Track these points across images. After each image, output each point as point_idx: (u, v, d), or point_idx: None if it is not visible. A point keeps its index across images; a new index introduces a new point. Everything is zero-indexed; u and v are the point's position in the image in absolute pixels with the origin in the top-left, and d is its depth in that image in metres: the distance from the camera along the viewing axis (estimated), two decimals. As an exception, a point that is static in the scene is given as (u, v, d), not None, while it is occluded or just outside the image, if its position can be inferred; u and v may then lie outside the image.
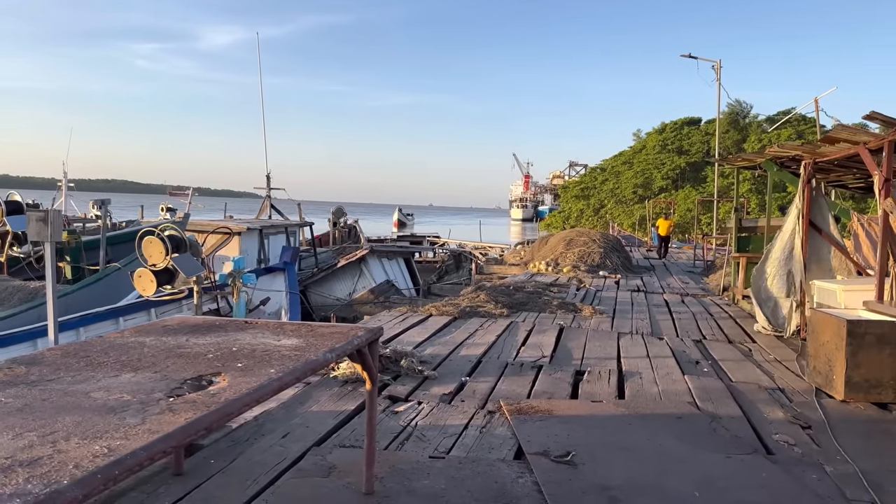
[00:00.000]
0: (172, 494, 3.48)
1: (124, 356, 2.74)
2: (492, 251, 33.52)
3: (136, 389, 2.27)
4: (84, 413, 2.01)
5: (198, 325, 3.49)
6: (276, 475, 3.76)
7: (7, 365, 2.56)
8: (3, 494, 1.44)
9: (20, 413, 2.01)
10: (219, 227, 15.23)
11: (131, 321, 10.47)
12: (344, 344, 3.12)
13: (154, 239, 9.55)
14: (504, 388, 5.75)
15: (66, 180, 23.23)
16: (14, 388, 2.26)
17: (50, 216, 5.89)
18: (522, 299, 10.66)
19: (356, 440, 4.38)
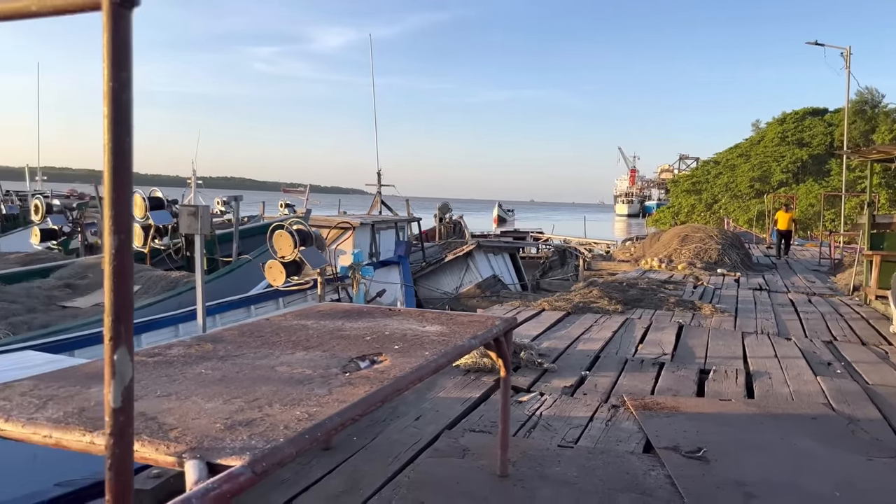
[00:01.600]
0: (324, 466, 3.77)
1: (293, 336, 3.02)
2: (597, 247, 32.97)
3: (314, 365, 2.52)
4: (276, 384, 2.27)
5: (348, 311, 3.76)
6: (415, 454, 3.99)
7: (196, 342, 2.89)
8: (235, 447, 1.68)
9: (221, 383, 2.29)
10: (339, 222, 15.91)
11: (261, 310, 11.17)
12: (485, 332, 3.28)
13: (284, 233, 10.16)
14: (626, 383, 5.75)
15: (196, 178, 24.89)
16: (209, 361, 2.57)
17: (200, 211, 6.44)
18: (637, 296, 10.51)
19: (484, 426, 4.55)
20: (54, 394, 2.06)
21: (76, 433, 1.74)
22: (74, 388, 2.12)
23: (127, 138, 1.20)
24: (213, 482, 1.46)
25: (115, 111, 1.17)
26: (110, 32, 1.16)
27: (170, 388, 2.17)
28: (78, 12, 1.25)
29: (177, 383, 2.24)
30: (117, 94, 1.17)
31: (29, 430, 1.79)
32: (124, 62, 1.18)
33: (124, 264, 1.20)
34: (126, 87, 1.18)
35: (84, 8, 1.23)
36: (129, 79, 1.19)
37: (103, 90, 1.17)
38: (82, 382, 2.20)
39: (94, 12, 1.23)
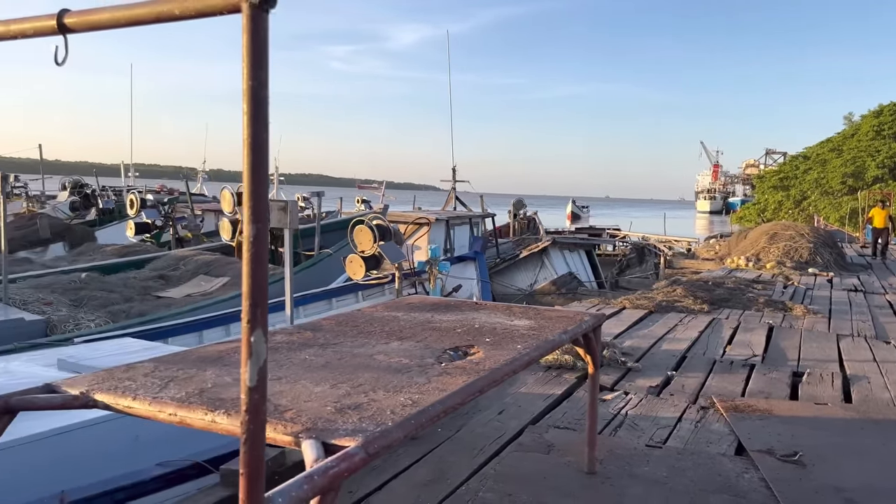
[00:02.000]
0: (410, 455, 3.86)
1: (387, 327, 3.10)
2: (678, 245, 32.09)
3: (410, 355, 2.59)
4: (377, 371, 2.34)
5: (436, 304, 3.83)
6: (499, 447, 4.02)
7: (297, 330, 3.01)
8: (347, 429, 1.75)
9: (325, 368, 2.38)
10: (417, 218, 16.11)
11: (342, 303, 11.44)
12: (574, 327, 3.28)
13: (364, 228, 10.38)
14: (714, 384, 5.60)
15: (278, 174, 25.73)
16: (311, 348, 2.67)
17: (289, 206, 6.65)
18: (724, 295, 10.19)
19: (568, 422, 4.53)
20: (174, 375, 2.19)
21: (199, 412, 1.86)
22: (192, 371, 2.25)
23: (264, 134, 1.27)
24: (332, 461, 1.53)
25: (254, 108, 1.25)
26: (249, 33, 1.24)
27: (279, 372, 2.27)
28: (217, 14, 1.33)
29: (284, 368, 2.34)
30: (256, 92, 1.25)
31: (155, 408, 1.92)
32: (262, 61, 1.26)
33: (261, 252, 1.28)
34: (264, 85, 1.26)
35: (223, 10, 1.31)
36: (267, 77, 1.27)
37: (243, 88, 1.25)
38: (197, 365, 2.34)
39: (234, 14, 1.31)
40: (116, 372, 2.23)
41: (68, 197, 24.75)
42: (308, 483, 1.45)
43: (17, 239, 15.68)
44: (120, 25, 1.42)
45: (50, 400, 1.98)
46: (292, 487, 1.42)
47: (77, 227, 19.44)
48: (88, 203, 23.94)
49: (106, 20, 1.41)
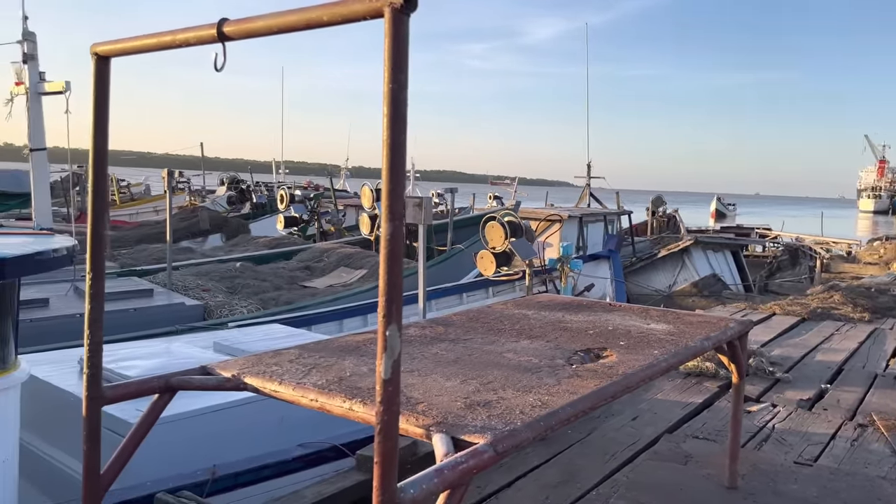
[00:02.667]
0: (539, 456, 3.83)
1: (517, 325, 3.09)
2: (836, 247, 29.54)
3: (539, 354, 2.56)
4: (506, 369, 2.34)
5: (567, 303, 3.77)
6: (633, 454, 3.90)
7: (429, 324, 3.08)
8: (476, 426, 1.77)
9: (456, 364, 2.41)
10: (548, 214, 15.96)
11: (472, 298, 11.55)
12: (718, 333, 3.10)
13: (496, 224, 10.42)
14: (875, 400, 5.10)
15: (415, 171, 26.41)
16: (443, 343, 2.72)
17: (424, 202, 6.81)
18: (889, 303, 9.25)
19: (708, 433, 4.31)
20: (316, 363, 2.31)
21: (338, 399, 1.95)
22: (332, 359, 2.37)
23: (402, 136, 1.30)
24: (462, 456, 1.55)
25: (394, 110, 1.28)
26: (391, 37, 1.27)
27: (412, 364, 2.33)
28: (362, 19, 1.38)
29: (416, 361, 2.40)
30: (395, 95, 1.28)
31: (298, 393, 2.04)
32: (402, 64, 1.29)
33: (397, 249, 1.31)
34: (403, 87, 1.29)
35: (367, 15, 1.35)
36: (407, 80, 1.29)
37: (383, 91, 1.28)
38: (337, 354, 2.45)
39: (377, 19, 1.35)
40: (265, 357, 2.39)
41: (226, 192, 26.83)
42: (438, 477, 1.47)
43: (180, 230, 17.22)
44: (273, 32, 1.50)
45: (205, 381, 2.15)
46: (423, 480, 1.45)
47: (233, 220, 21.01)
48: (243, 198, 25.82)
49: (261, 28, 1.51)
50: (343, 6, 1.36)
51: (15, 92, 5.01)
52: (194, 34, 1.61)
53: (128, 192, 30.11)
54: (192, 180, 29.36)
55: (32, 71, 4.95)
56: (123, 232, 18.46)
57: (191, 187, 28.01)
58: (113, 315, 8.96)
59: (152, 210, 24.89)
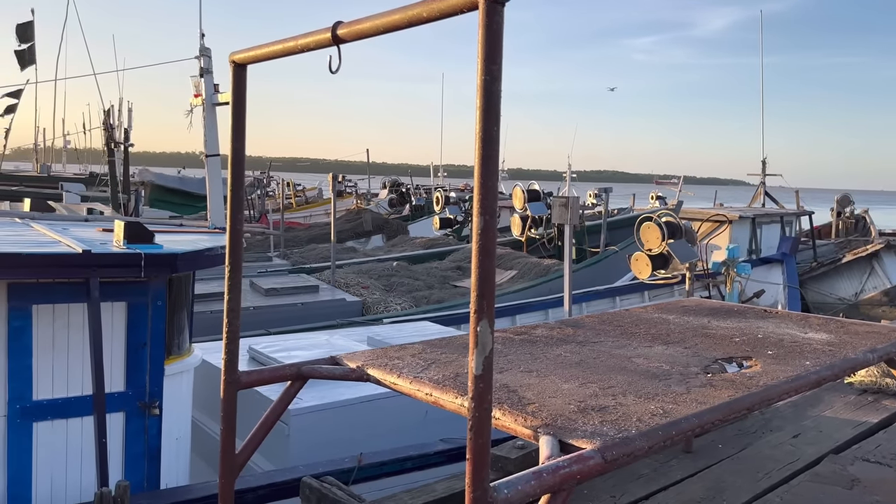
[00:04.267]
0: (683, 469, 3.61)
1: (653, 329, 2.94)
2: None
3: (672, 361, 2.42)
4: (631, 375, 2.23)
5: (715, 308, 3.52)
6: (790, 474, 3.56)
7: (558, 325, 3.01)
8: (586, 430, 1.70)
9: (578, 366, 2.34)
10: (712, 215, 15.05)
11: (625, 301, 11.17)
12: (887, 345, 2.75)
13: (652, 225, 9.99)
14: None
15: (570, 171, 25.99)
16: (568, 345, 2.65)
17: (570, 202, 6.70)
18: None
19: (882, 457, 3.83)
20: (437, 358, 2.34)
21: (450, 395, 1.96)
22: (453, 356, 2.38)
23: (495, 127, 1.28)
24: (564, 461, 1.50)
25: (486, 102, 1.26)
26: (484, 28, 1.26)
27: (532, 365, 2.29)
28: (458, 13, 1.37)
29: (538, 361, 2.36)
30: (488, 86, 1.26)
31: (415, 386, 2.07)
32: (495, 56, 1.27)
33: (489, 243, 1.29)
34: (496, 79, 1.27)
35: (463, 9, 1.35)
36: (500, 71, 1.27)
37: (477, 83, 1.27)
38: (459, 351, 2.47)
39: (472, 12, 1.34)
40: (390, 351, 2.46)
41: (387, 195, 28.07)
42: (536, 479, 1.43)
43: (345, 231, 18.27)
44: (379, 32, 1.54)
45: (332, 371, 2.25)
46: (520, 481, 1.42)
47: (393, 222, 21.94)
48: (403, 200, 26.89)
49: (369, 28, 1.55)
50: (440, 1, 1.36)
51: (194, 104, 5.59)
52: (313, 38, 1.69)
53: (303, 195, 32.42)
54: (358, 184, 31.02)
55: (208, 83, 5.49)
56: (297, 233, 19.91)
57: (357, 191, 29.61)
58: (283, 308, 9.71)
59: (324, 213, 26.62)
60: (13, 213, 5.10)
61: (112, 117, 9.95)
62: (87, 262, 3.55)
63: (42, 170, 22.03)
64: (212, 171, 5.82)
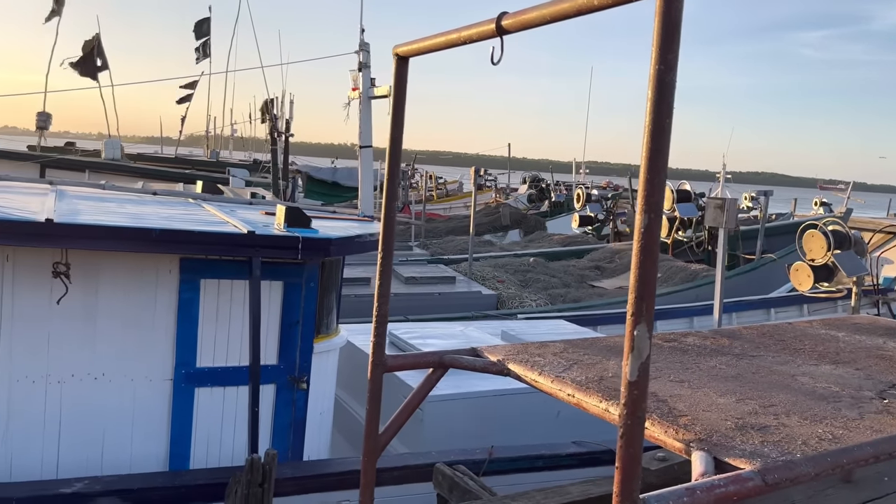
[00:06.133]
0: (842, 499, 3.29)
1: (820, 347, 2.70)
2: None
3: (843, 382, 2.20)
4: (794, 394, 2.05)
5: (893, 328, 3.18)
6: (974, 522, 3.14)
7: (712, 335, 2.84)
8: (745, 450, 1.58)
9: (735, 380, 2.19)
10: (886, 225, 13.65)
11: (782, 314, 10.40)
12: None
13: (816, 233, 9.20)
14: None
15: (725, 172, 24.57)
16: (723, 357, 2.49)
17: (727, 205, 6.31)
18: None
19: None
20: (579, 359, 2.28)
21: (594, 398, 1.89)
22: (596, 358, 2.31)
23: (667, 120, 1.21)
24: (721, 479, 1.40)
25: (658, 93, 1.19)
26: (662, 15, 1.19)
27: (682, 375, 2.17)
28: (632, 0, 1.31)
29: (689, 372, 2.23)
30: (662, 76, 1.19)
31: (556, 386, 2.03)
32: (672, 44, 1.19)
33: (651, 243, 1.22)
34: (671, 68, 1.19)
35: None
36: (676, 61, 1.20)
37: (650, 73, 1.21)
38: (603, 353, 2.39)
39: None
40: (531, 347, 2.43)
41: (527, 190, 27.95)
42: (689, 496, 1.35)
43: (483, 224, 18.41)
44: (546, 22, 1.51)
45: (473, 362, 2.26)
46: (671, 496, 1.34)
47: (531, 217, 21.82)
48: (543, 196, 26.66)
49: (535, 18, 1.52)
50: (614, -12, 1.31)
51: (351, 97, 5.84)
52: (476, 30, 1.69)
53: (444, 188, 33.06)
54: (498, 178, 31.13)
55: (365, 77, 5.71)
56: (436, 224, 20.34)
57: (497, 185, 29.73)
58: (422, 297, 9.96)
59: (463, 206, 26.99)
60: (187, 194, 5.58)
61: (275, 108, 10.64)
62: (252, 242, 3.80)
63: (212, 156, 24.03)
64: (364, 161, 6.06)
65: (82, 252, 3.63)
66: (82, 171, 12.56)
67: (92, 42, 17.25)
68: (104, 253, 3.70)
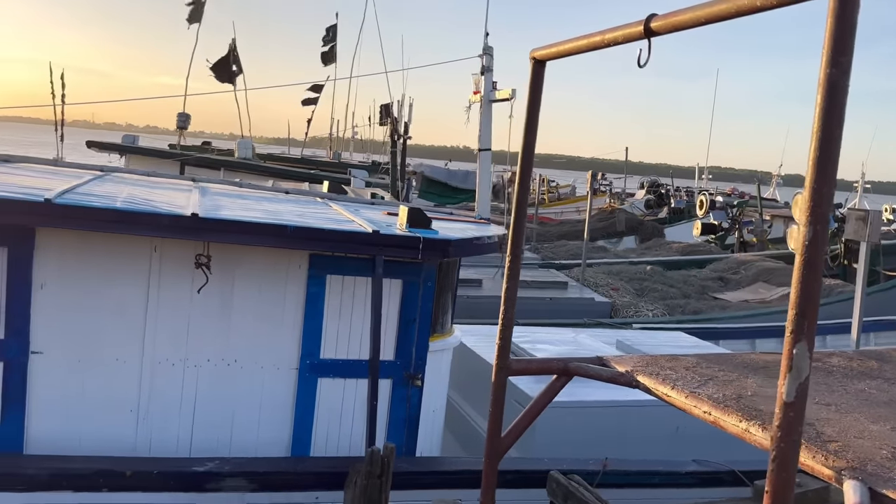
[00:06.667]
0: None
1: None
2: None
3: None
4: (962, 427, 1.87)
5: None
6: None
7: (858, 356, 2.64)
8: (906, 484, 1.45)
9: (888, 406, 2.02)
10: None
11: (926, 337, 9.50)
12: None
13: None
14: None
15: (863, 181, 22.81)
16: (873, 380, 2.30)
17: (870, 217, 5.85)
18: None
19: None
20: (714, 375, 2.18)
21: (733, 417, 1.80)
22: (733, 375, 2.20)
23: (837, 128, 1.13)
24: (879, 514, 1.30)
25: (828, 98, 1.12)
26: (835, 14, 1.12)
27: (829, 398, 2.03)
28: (801, 0, 1.24)
29: (836, 395, 2.08)
30: (834, 81, 1.12)
31: (691, 402, 1.95)
32: (845, 46, 1.12)
33: (815, 257, 1.15)
34: (845, 72, 1.12)
35: (808, -6, 1.21)
36: (849, 64, 1.12)
37: (819, 77, 1.13)
38: (739, 370, 2.27)
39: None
40: (661, 360, 2.35)
41: (644, 195, 27.12)
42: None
43: (597, 229, 18.03)
44: (700, 24, 1.46)
45: (600, 372, 2.21)
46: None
47: (648, 224, 21.15)
48: (661, 202, 25.78)
49: (687, 20, 1.47)
50: (780, -13, 1.24)
51: (472, 100, 5.89)
52: (622, 32, 1.65)
53: (556, 192, 32.71)
54: (613, 183, 30.42)
55: (487, 81, 5.74)
56: (548, 228, 20.15)
57: (612, 189, 29.06)
58: (532, 301, 9.89)
59: (575, 210, 26.59)
60: (316, 193, 5.83)
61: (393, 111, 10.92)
62: (376, 241, 3.92)
63: (334, 157, 25.00)
64: (483, 164, 6.10)
65: (222, 245, 3.88)
66: (217, 170, 13.42)
67: (228, 48, 18.44)
68: (241, 247, 3.93)
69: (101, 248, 3.79)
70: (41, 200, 3.43)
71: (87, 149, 15.22)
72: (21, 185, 4.03)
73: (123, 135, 15.66)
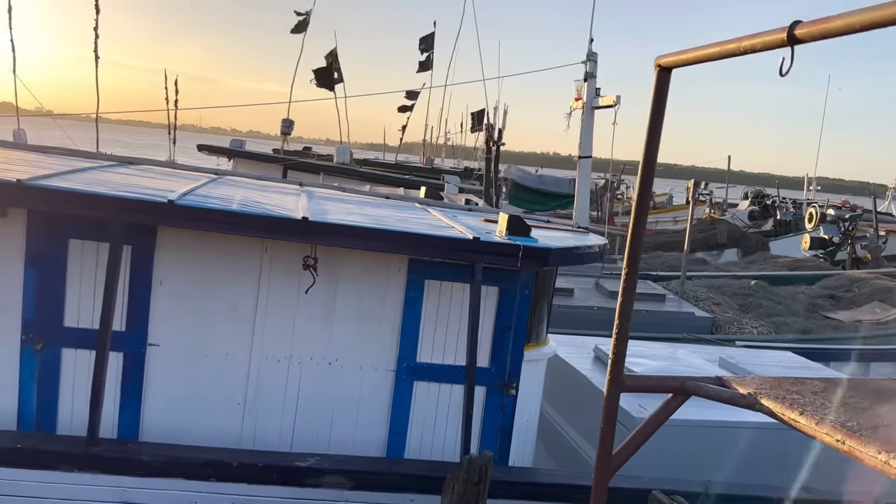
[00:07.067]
0: None
1: None
2: None
3: None
4: None
5: None
6: None
7: None
8: None
9: None
10: None
11: None
12: None
13: None
14: None
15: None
16: None
17: None
18: None
19: None
20: (846, 401, 2.04)
21: (872, 448, 1.68)
22: (866, 402, 2.05)
23: None
24: None
25: None
26: None
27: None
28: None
29: None
30: None
31: (822, 429, 1.83)
32: None
33: None
34: None
35: None
36: None
37: None
38: (872, 398, 2.11)
39: None
40: (785, 382, 2.22)
41: (748, 206, 25.93)
42: None
43: (697, 241, 17.38)
44: (853, 31, 1.37)
45: (719, 392, 2.11)
46: None
47: (752, 236, 20.20)
48: (766, 213, 24.57)
49: (838, 27, 1.39)
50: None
51: (574, 107, 5.81)
52: (761, 39, 1.57)
53: (652, 200, 31.79)
54: (714, 192, 29.28)
55: (590, 87, 5.66)
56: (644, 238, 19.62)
57: (712, 199, 27.97)
58: (626, 314, 9.60)
59: (671, 220, 25.76)
60: (414, 199, 5.91)
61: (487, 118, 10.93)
62: (476, 247, 3.93)
63: (427, 162, 25.33)
64: (583, 172, 6.00)
65: (327, 248, 4.00)
66: (317, 174, 13.87)
67: (330, 56, 19.03)
68: (344, 250, 4.04)
69: (216, 248, 3.98)
70: (164, 201, 3.63)
71: (198, 152, 16.11)
72: (144, 185, 4.29)
73: (231, 139, 16.47)
